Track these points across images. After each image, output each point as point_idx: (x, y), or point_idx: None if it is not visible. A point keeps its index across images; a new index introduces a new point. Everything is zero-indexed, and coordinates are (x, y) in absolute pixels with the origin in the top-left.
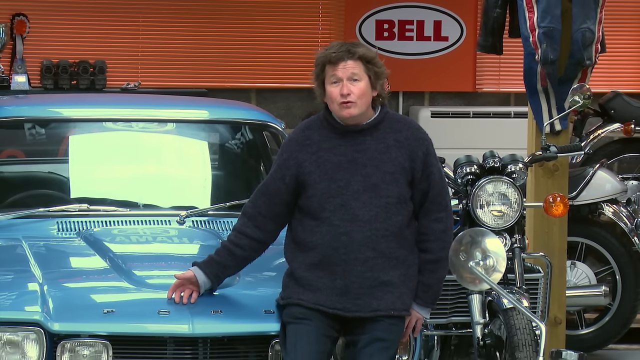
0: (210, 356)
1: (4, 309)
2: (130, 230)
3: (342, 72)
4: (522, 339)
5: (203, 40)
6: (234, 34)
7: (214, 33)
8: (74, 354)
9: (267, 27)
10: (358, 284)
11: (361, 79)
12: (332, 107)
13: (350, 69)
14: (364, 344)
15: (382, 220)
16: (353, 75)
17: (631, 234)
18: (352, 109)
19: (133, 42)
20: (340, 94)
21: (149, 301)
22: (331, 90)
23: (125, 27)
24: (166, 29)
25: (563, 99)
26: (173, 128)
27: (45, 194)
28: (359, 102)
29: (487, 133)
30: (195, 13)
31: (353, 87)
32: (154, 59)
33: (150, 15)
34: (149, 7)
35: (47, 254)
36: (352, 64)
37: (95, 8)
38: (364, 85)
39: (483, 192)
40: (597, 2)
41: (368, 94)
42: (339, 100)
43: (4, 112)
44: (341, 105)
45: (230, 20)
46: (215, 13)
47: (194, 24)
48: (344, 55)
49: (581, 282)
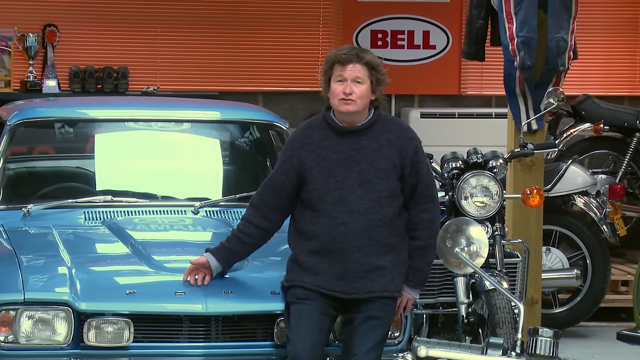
0: (222, 333)
1: (36, 290)
2: (150, 219)
3: (347, 73)
4: (502, 317)
5: (215, 48)
6: (243, 42)
7: (225, 42)
8: (99, 331)
9: (273, 37)
10: (354, 268)
11: (364, 82)
12: (333, 101)
13: (355, 72)
14: (359, 321)
15: (376, 212)
16: (357, 77)
17: (600, 222)
18: (351, 106)
19: (152, 50)
20: (343, 92)
21: (167, 283)
22: (335, 87)
23: (145, 37)
24: (182, 39)
25: (539, 101)
26: (188, 127)
27: (73, 186)
28: (358, 102)
29: (470, 132)
30: (208, 24)
31: (355, 88)
32: (171, 65)
33: (168, 26)
34: (166, 19)
35: (75, 241)
36: (358, 67)
37: (119, 19)
38: (365, 88)
39: (467, 185)
40: (570, 14)
41: (367, 96)
42: (341, 97)
43: (37, 113)
44: (341, 101)
45: (240, 30)
46: (226, 24)
47: (207, 34)
48: (353, 58)
49: (555, 266)
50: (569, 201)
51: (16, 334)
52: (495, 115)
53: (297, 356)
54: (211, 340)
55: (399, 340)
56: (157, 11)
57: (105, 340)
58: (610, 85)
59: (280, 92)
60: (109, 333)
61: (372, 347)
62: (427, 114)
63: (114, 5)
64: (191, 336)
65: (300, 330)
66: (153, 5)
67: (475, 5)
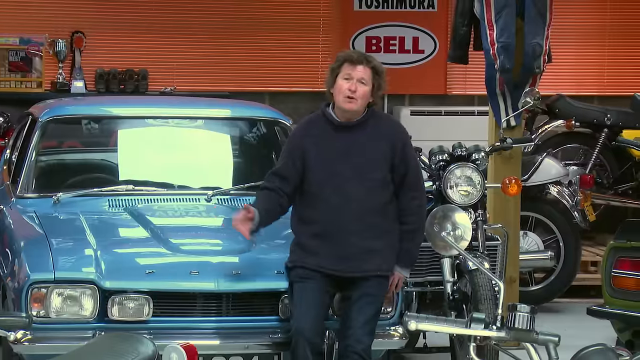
0: (232, 308)
1: (65, 269)
2: (167, 206)
3: (355, 73)
4: (484, 295)
5: (226, 53)
6: (251, 47)
7: (235, 47)
8: (122, 307)
9: (278, 42)
10: (351, 250)
11: (367, 84)
12: (337, 97)
13: (362, 73)
14: (356, 298)
15: (369, 199)
16: (362, 78)
17: (572, 209)
18: (353, 104)
19: (170, 54)
20: (349, 89)
21: (183, 264)
22: (341, 84)
23: (163, 42)
24: (196, 44)
25: (517, 100)
26: (201, 124)
27: (99, 177)
28: (360, 101)
29: (455, 128)
30: (220, 31)
31: (360, 87)
32: (187, 68)
33: (184, 33)
34: (183, 26)
35: (100, 226)
36: (365, 69)
37: (140, 27)
38: (368, 90)
39: (452, 176)
40: (545, 21)
41: (367, 97)
42: (346, 94)
43: (66, 111)
44: (345, 99)
45: (248, 36)
46: (236, 31)
47: (219, 40)
48: (363, 60)
49: (531, 248)
50: (544, 190)
51: (47, 310)
52: (478, 113)
53: (300, 329)
54: (222, 315)
55: (391, 315)
56: (174, 19)
57: (127, 315)
58: (581, 86)
59: (285, 92)
60: (130, 308)
61: (367, 321)
62: (416, 112)
63: (135, 14)
64: (204, 311)
65: (303, 306)
66: (171, 14)
67: (460, 13)
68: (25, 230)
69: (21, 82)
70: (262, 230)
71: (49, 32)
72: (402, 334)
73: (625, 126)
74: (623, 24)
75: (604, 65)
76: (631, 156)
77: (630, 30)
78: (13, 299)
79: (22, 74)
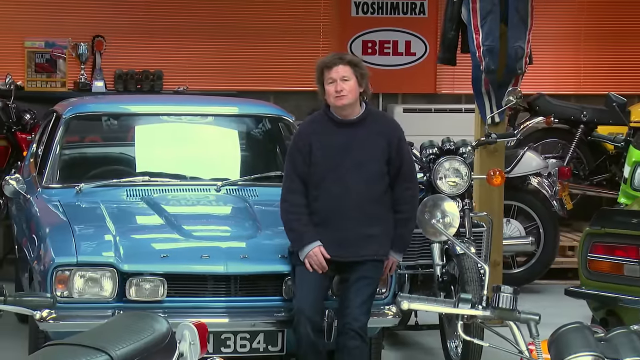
0: (240, 289)
1: (86, 254)
2: (180, 196)
3: (335, 74)
4: (470, 277)
5: (234, 55)
6: (258, 50)
7: (243, 49)
8: (139, 288)
9: (282, 45)
10: (350, 236)
11: (350, 78)
12: (329, 100)
13: (341, 72)
14: (353, 280)
15: (368, 190)
16: (344, 76)
17: (551, 198)
18: (344, 99)
19: (182, 56)
20: (335, 90)
21: (194, 249)
22: (328, 88)
23: (176, 46)
24: (207, 47)
25: (501, 98)
26: (211, 120)
27: (117, 169)
28: (349, 95)
29: (444, 124)
30: (229, 35)
31: (344, 84)
32: (198, 69)
33: (196, 37)
34: (194, 31)
35: (119, 213)
36: (342, 67)
37: (155, 31)
38: (353, 83)
39: (442, 168)
40: (526, 26)
41: (356, 89)
42: (334, 95)
43: (87, 109)
44: (336, 98)
45: (255, 40)
46: (244, 35)
47: (228, 43)
48: (337, 61)
49: (514, 234)
50: (525, 181)
51: (70, 290)
52: (465, 110)
53: (301, 309)
54: (231, 296)
55: (386, 296)
56: (187, 25)
57: (144, 295)
58: (559, 85)
59: (288, 91)
60: (146, 289)
61: (364, 301)
62: (408, 109)
63: (151, 20)
64: (214, 292)
65: (304, 287)
66: (184, 19)
67: (449, 19)
68: (50, 217)
69: (46, 82)
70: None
71: (72, 36)
72: (395, 312)
73: (600, 122)
74: (597, 28)
75: (580, 66)
76: (605, 150)
77: (603, 34)
78: (39, 281)
79: (47, 74)
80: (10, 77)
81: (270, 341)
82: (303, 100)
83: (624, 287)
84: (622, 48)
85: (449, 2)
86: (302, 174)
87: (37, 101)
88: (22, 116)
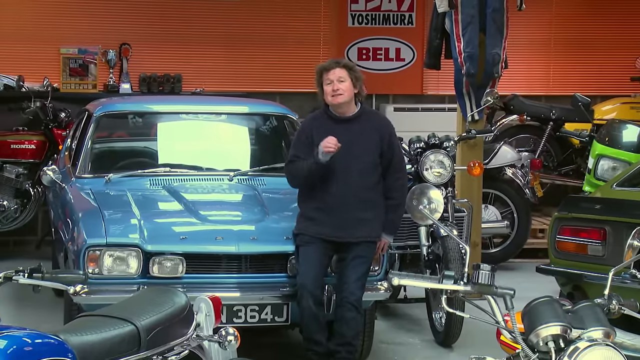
0: (250, 267)
1: (115, 236)
2: (197, 185)
3: (332, 76)
4: (453, 256)
5: (245, 60)
6: (266, 56)
7: (253, 55)
8: (161, 266)
9: (287, 51)
10: (347, 220)
11: (345, 80)
12: (327, 99)
13: (338, 74)
14: (350, 259)
15: (362, 179)
16: (340, 77)
17: (524, 187)
18: (340, 97)
19: (199, 61)
20: (332, 89)
21: (210, 231)
22: (326, 88)
23: (194, 52)
24: (221, 53)
25: (479, 99)
26: (225, 118)
27: (142, 161)
28: (345, 94)
29: (430, 121)
30: (240, 43)
31: (340, 85)
32: (213, 72)
33: (211, 44)
34: (210, 39)
35: (143, 200)
36: (339, 70)
37: (175, 39)
38: (348, 84)
39: (428, 160)
40: (502, 35)
41: (351, 89)
42: (332, 93)
43: (115, 108)
44: (333, 96)
45: (263, 47)
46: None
47: (240, 50)
48: (334, 65)
49: (491, 219)
50: (501, 171)
51: (100, 268)
52: (448, 109)
53: (304, 284)
54: (242, 272)
55: (378, 273)
56: (203, 33)
57: (165, 272)
58: (531, 87)
59: (292, 92)
60: (167, 267)
61: (359, 278)
62: (398, 108)
63: (171, 29)
64: (227, 269)
65: (306, 265)
66: (200, 29)
67: (434, 29)
68: (82, 204)
69: (79, 84)
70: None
71: (101, 44)
72: (387, 287)
73: (567, 120)
74: (565, 37)
75: (550, 70)
76: (572, 144)
77: (570, 42)
78: (73, 260)
79: (80, 77)
80: (47, 80)
81: (276, 313)
82: (305, 101)
83: (588, 265)
84: (586, 54)
85: (434, 14)
86: (302, 157)
87: (71, 101)
88: (57, 114)
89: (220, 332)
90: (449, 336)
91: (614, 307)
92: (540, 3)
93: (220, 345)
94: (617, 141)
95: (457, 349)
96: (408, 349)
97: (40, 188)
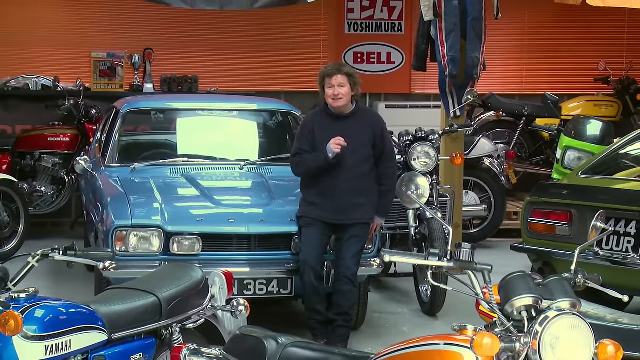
0: (258, 245)
1: (139, 218)
2: (212, 173)
3: (334, 81)
4: (437, 236)
5: (254, 63)
6: (273, 59)
7: (261, 58)
8: (180, 244)
9: (291, 55)
10: (344, 204)
11: (345, 85)
12: (328, 101)
13: (339, 80)
14: (346, 238)
15: (358, 168)
16: (340, 83)
17: (500, 175)
18: (339, 102)
19: (214, 64)
20: (333, 94)
21: (223, 214)
22: (328, 91)
23: (209, 55)
24: (233, 56)
25: (461, 97)
26: (236, 114)
27: (163, 152)
28: (344, 98)
29: (417, 117)
30: (250, 47)
31: (341, 89)
32: (226, 74)
33: (225, 49)
34: (224, 44)
35: (164, 187)
36: (340, 77)
37: (193, 44)
38: (347, 89)
39: (415, 151)
40: (481, 41)
41: (349, 93)
42: (332, 97)
43: (140, 105)
44: (333, 100)
45: (270, 51)
46: (262, 47)
47: (250, 53)
48: (335, 71)
49: (471, 203)
50: (480, 161)
51: (127, 246)
52: (433, 106)
53: (306, 260)
54: (251, 250)
55: (372, 251)
56: (218, 39)
57: (184, 250)
58: (506, 87)
59: (295, 92)
60: (186, 246)
61: (354, 255)
62: (389, 106)
63: (189, 35)
64: (238, 247)
65: (308, 244)
66: (215, 34)
67: (421, 35)
68: (111, 190)
69: (108, 85)
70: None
71: (127, 49)
72: (379, 264)
73: (538, 116)
74: (536, 43)
75: (523, 71)
76: (542, 137)
77: (541, 47)
78: (102, 239)
79: (108, 78)
80: (80, 80)
81: (282, 286)
82: (307, 99)
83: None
84: (555, 58)
85: (421, 22)
86: (305, 149)
87: (101, 99)
88: (89, 111)
89: (232, 303)
90: (434, 306)
91: (580, 281)
92: (514, 13)
93: (232, 315)
94: (582, 134)
95: (441, 317)
96: (398, 317)
97: (74, 176)
